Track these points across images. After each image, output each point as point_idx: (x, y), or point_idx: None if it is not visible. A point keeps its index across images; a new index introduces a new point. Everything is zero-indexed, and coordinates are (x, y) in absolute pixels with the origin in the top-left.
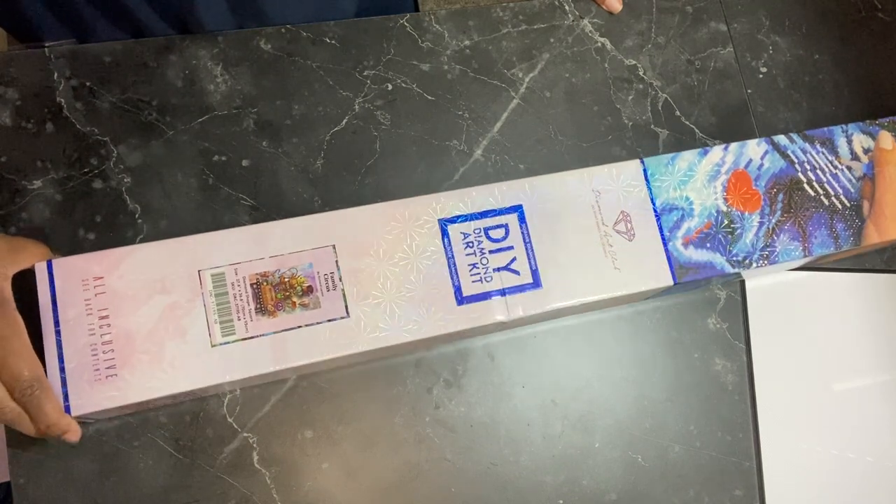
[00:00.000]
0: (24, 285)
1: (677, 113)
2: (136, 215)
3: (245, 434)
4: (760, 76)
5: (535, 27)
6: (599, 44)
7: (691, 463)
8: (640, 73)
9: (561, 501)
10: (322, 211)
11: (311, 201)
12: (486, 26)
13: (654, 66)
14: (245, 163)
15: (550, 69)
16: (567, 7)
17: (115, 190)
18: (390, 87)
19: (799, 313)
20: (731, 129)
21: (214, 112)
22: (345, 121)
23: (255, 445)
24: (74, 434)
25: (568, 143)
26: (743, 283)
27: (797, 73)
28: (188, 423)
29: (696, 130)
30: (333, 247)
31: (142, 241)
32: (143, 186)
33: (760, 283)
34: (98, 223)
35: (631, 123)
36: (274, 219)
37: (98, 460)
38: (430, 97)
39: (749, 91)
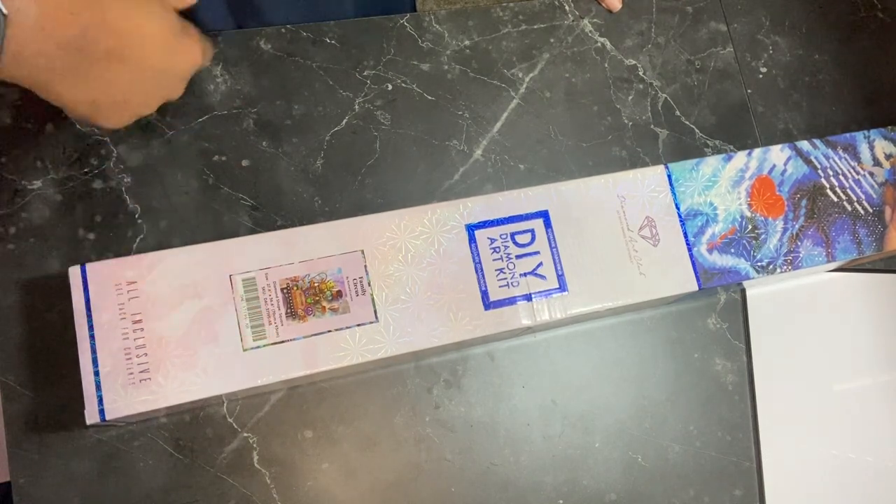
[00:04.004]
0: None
1: (677, 113)
2: (136, 215)
3: (245, 434)
4: (760, 76)
5: (535, 27)
6: (599, 44)
7: (691, 463)
8: (640, 73)
9: (561, 501)
10: (323, 211)
11: (311, 201)
12: (486, 26)
13: (654, 66)
14: (245, 163)
15: (550, 69)
16: (567, 7)
17: (115, 190)
18: (390, 87)
19: (799, 313)
20: (731, 129)
21: (214, 112)
22: (345, 121)
23: (255, 445)
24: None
25: (568, 143)
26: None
27: (797, 73)
28: (188, 423)
29: (696, 130)
30: (362, 251)
31: (142, 241)
32: (143, 186)
33: (760, 284)
34: (98, 223)
35: (631, 123)
36: (274, 219)
37: (98, 460)
38: (430, 97)
39: (749, 91)
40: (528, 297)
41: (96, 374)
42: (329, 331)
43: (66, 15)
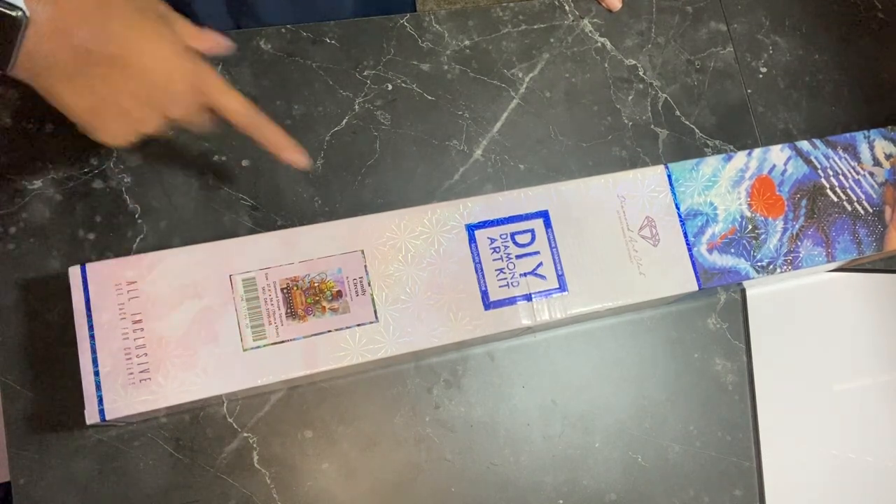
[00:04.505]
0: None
1: (677, 113)
2: (136, 215)
3: (245, 434)
4: (760, 76)
5: (535, 27)
6: (599, 44)
7: (691, 463)
8: (640, 73)
9: (561, 501)
10: (323, 211)
11: (311, 201)
12: (486, 26)
13: (654, 66)
14: (245, 163)
15: (550, 69)
16: (567, 7)
17: (115, 190)
18: (390, 87)
19: (799, 313)
20: (730, 129)
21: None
22: (345, 121)
23: (255, 445)
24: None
25: (568, 143)
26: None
27: (797, 73)
28: (188, 423)
29: (696, 130)
30: (362, 251)
31: (142, 241)
32: (143, 186)
33: (760, 284)
34: (98, 223)
35: (631, 123)
36: (274, 219)
37: (98, 460)
38: (430, 97)
39: (749, 91)
40: (528, 297)
41: (96, 374)
42: (329, 331)
43: (78, 18)
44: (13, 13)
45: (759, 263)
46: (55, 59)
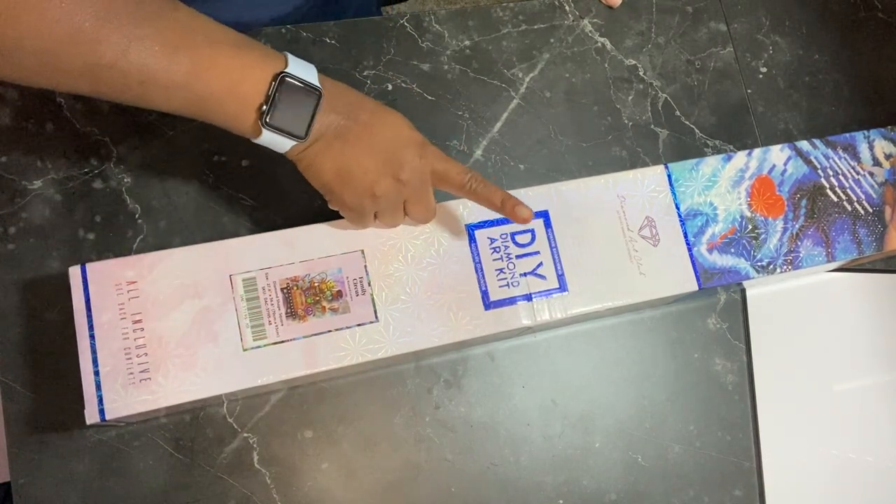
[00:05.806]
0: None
1: (677, 113)
2: (136, 215)
3: (245, 434)
4: (760, 76)
5: (535, 27)
6: (599, 44)
7: (691, 463)
8: (640, 73)
9: (561, 501)
10: (323, 211)
11: (311, 201)
12: (486, 26)
13: (654, 66)
14: (245, 163)
15: (550, 69)
16: (567, 7)
17: (115, 190)
18: (390, 87)
19: (799, 313)
20: (730, 128)
21: None
22: None
23: (255, 445)
24: (527, 210)
25: (568, 143)
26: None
27: (797, 73)
28: (188, 423)
29: (696, 130)
30: (362, 251)
31: (142, 241)
32: (143, 186)
33: (760, 284)
34: (98, 223)
35: (631, 123)
36: (274, 219)
37: (98, 460)
38: (430, 97)
39: (749, 91)
40: (528, 297)
41: (96, 374)
42: (329, 331)
43: (343, 91)
44: (314, 91)
45: (759, 263)
46: (328, 126)
